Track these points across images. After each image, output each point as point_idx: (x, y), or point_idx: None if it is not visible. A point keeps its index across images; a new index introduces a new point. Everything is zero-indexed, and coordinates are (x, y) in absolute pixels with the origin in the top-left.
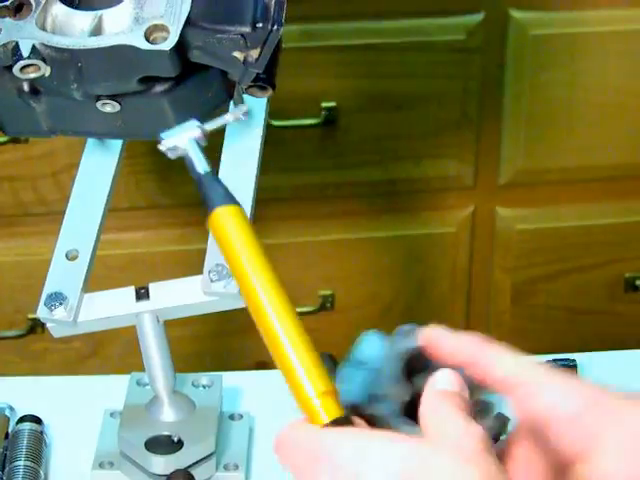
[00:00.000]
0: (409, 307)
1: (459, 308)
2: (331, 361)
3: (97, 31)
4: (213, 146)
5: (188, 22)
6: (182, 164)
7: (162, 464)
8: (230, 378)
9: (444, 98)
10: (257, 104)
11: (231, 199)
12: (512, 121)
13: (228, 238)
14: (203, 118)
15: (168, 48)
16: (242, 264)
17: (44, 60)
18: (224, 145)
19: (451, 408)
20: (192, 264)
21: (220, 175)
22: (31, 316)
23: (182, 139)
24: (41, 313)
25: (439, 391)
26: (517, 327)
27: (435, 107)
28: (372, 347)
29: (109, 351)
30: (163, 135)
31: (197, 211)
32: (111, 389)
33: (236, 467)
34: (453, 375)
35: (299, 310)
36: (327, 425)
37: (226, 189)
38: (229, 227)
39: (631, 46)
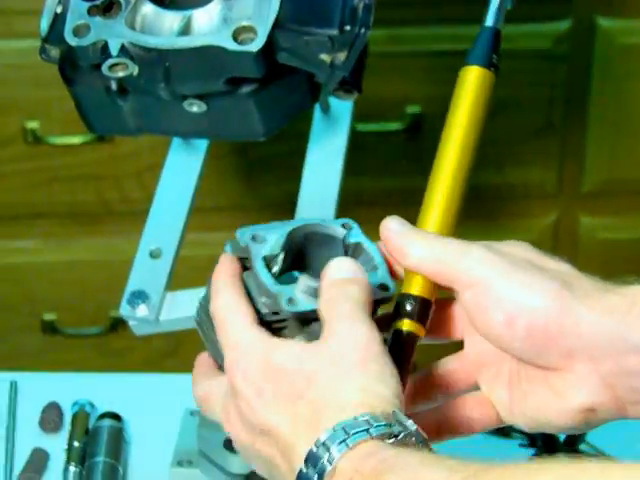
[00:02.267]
0: None
1: None
2: None
3: (186, 31)
4: (299, 150)
5: (276, 24)
6: (266, 165)
7: (240, 464)
8: None
9: (529, 105)
10: (343, 107)
11: (489, 64)
12: (597, 129)
13: (460, 92)
14: (288, 120)
15: (255, 49)
16: (456, 121)
17: (132, 59)
18: (309, 147)
19: (344, 303)
20: None
21: (304, 177)
22: (113, 314)
23: None
24: (123, 311)
25: (333, 280)
26: None
27: (520, 114)
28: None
29: (190, 350)
30: None
31: (280, 212)
32: (190, 387)
33: None
34: (347, 262)
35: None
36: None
37: (493, 52)
38: (468, 85)
39: None
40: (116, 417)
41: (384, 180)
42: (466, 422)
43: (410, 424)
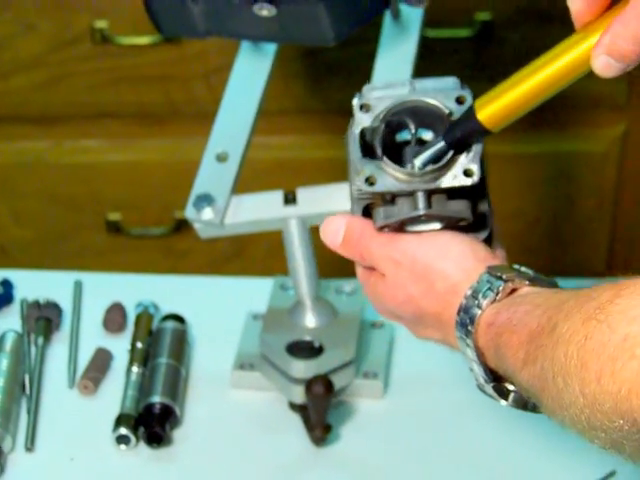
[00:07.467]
0: (554, 224)
1: (604, 227)
2: None
3: None
4: (368, 55)
5: None
6: (334, 70)
7: (302, 369)
8: None
9: None
10: (413, 14)
11: None
12: None
13: None
14: (359, 26)
15: None
16: None
17: None
18: (378, 53)
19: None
20: (340, 170)
21: (373, 82)
22: (177, 215)
23: None
24: (189, 213)
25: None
26: None
27: None
28: None
29: (253, 253)
30: None
31: (347, 117)
32: (254, 291)
33: (375, 375)
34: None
35: None
36: None
37: None
38: None
39: None
40: (179, 319)
41: None
42: None
43: (508, 273)
